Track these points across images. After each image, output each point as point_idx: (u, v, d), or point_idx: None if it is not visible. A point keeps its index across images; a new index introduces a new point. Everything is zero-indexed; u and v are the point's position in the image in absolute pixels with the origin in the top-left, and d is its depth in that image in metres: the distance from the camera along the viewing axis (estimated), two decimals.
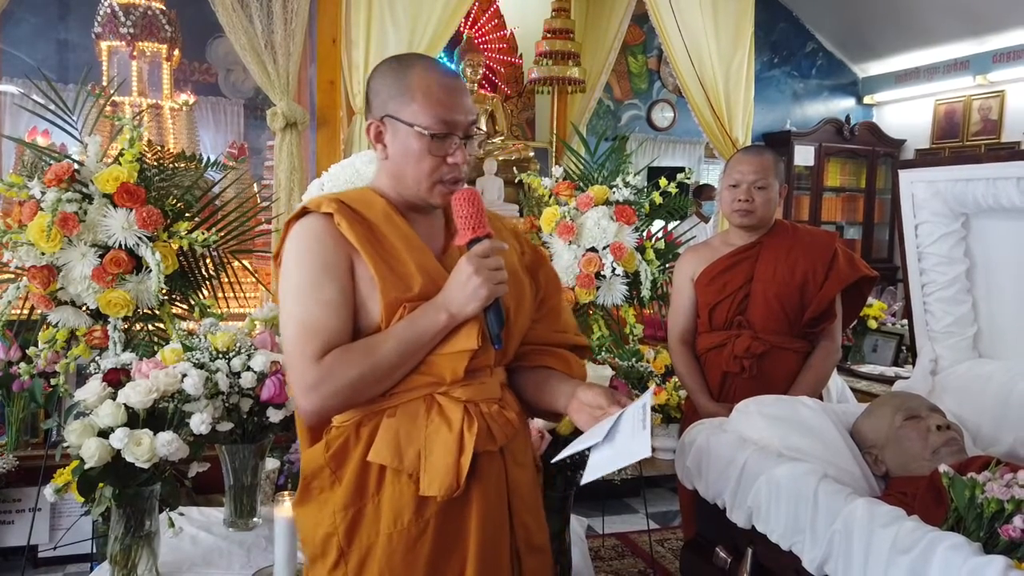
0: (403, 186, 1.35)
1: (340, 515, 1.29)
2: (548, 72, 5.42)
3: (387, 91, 1.33)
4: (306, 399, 1.25)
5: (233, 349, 2.08)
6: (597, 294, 2.89)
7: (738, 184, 2.31)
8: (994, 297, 2.04)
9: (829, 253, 2.28)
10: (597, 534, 3.47)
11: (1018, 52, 6.24)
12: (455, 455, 1.25)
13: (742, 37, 4.72)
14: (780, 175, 2.36)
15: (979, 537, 1.28)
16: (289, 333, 1.27)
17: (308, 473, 1.33)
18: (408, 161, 1.31)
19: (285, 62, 3.53)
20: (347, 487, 1.29)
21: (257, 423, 2.09)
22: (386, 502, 1.27)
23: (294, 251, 1.30)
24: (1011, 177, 1.75)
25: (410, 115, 1.29)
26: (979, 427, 1.92)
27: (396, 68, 1.35)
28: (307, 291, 1.27)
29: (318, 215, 1.31)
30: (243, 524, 2.14)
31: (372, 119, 1.36)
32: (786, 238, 2.34)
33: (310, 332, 1.25)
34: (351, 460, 1.30)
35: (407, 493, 1.27)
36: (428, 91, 1.29)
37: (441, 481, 1.24)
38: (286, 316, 1.29)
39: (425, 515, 1.27)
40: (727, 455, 1.74)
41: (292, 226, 1.33)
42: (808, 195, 7.39)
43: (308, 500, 1.34)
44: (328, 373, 1.23)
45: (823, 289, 2.26)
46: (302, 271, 1.28)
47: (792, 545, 1.50)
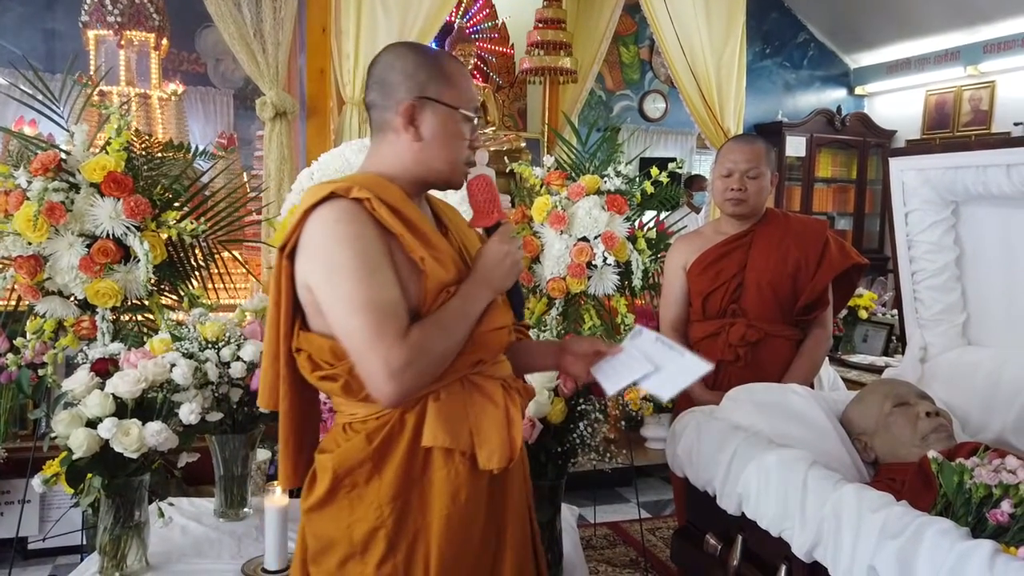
0: (429, 169, 1.34)
1: (388, 507, 1.27)
2: (540, 62, 5.39)
3: (424, 73, 1.32)
4: (395, 382, 1.20)
5: (223, 339, 2.07)
6: (588, 284, 2.88)
7: (730, 173, 2.32)
8: (983, 285, 2.04)
9: (821, 241, 2.29)
10: (589, 523, 3.48)
11: (1009, 43, 6.25)
12: (506, 428, 1.32)
13: (734, 27, 4.71)
14: (771, 164, 2.36)
15: (967, 522, 1.28)
16: (359, 320, 1.20)
17: (342, 471, 1.29)
18: (445, 143, 1.33)
19: (274, 51, 3.51)
20: (395, 477, 1.28)
21: (247, 413, 2.09)
22: (438, 484, 1.29)
23: (339, 235, 1.23)
24: (1001, 164, 1.76)
25: (452, 98, 1.32)
26: (968, 414, 1.93)
27: (426, 52, 1.37)
28: (370, 273, 1.22)
29: (350, 200, 1.25)
30: (233, 514, 2.14)
31: (405, 99, 1.31)
32: (778, 227, 2.34)
33: (387, 313, 1.21)
34: (398, 449, 1.28)
35: (462, 471, 1.30)
36: (463, 77, 1.36)
37: (500, 454, 1.30)
38: (347, 302, 1.21)
39: (480, 490, 1.32)
40: (717, 442, 1.75)
41: (316, 212, 1.25)
42: (799, 186, 7.40)
43: (336, 499, 1.30)
44: (419, 351, 1.21)
45: (816, 277, 2.27)
46: (356, 254, 1.22)
47: (782, 531, 1.51)
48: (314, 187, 1.31)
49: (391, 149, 1.34)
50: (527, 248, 2.99)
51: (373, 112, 1.36)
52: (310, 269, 1.25)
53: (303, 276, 1.27)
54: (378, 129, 1.36)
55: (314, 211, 1.25)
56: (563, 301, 2.96)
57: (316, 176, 2.57)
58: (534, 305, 3.02)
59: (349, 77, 3.75)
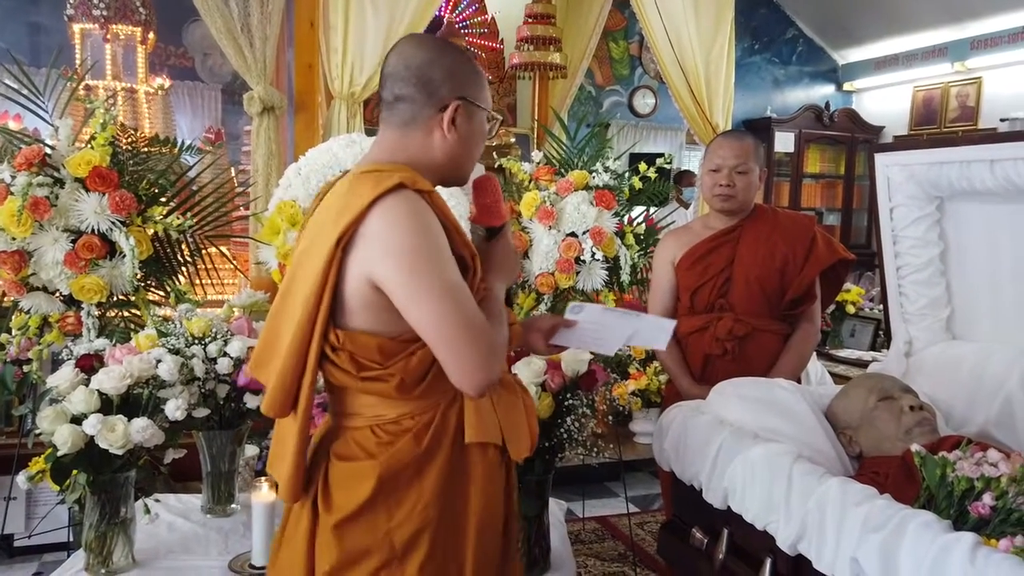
0: (456, 165, 1.36)
1: (434, 507, 1.27)
2: (529, 57, 5.38)
3: (463, 74, 1.33)
4: (489, 371, 1.21)
5: (209, 335, 2.06)
6: (577, 279, 2.89)
7: (719, 169, 2.32)
8: (967, 279, 2.06)
9: (808, 236, 2.30)
10: (577, 518, 3.49)
11: (995, 39, 6.29)
12: (526, 419, 1.38)
13: (722, 23, 4.71)
14: (760, 159, 2.37)
15: (949, 515, 1.30)
16: (451, 311, 1.19)
17: (389, 475, 1.26)
18: (476, 143, 1.37)
19: (262, 46, 3.49)
20: (439, 476, 1.28)
21: (234, 409, 2.08)
22: (476, 478, 1.31)
23: (417, 226, 1.20)
24: (984, 160, 1.77)
25: (484, 100, 1.36)
26: (952, 408, 1.95)
27: (462, 52, 1.37)
28: (451, 265, 1.22)
29: (415, 191, 1.24)
30: (221, 510, 2.14)
31: (448, 98, 1.31)
32: (766, 222, 2.35)
33: (474, 305, 1.22)
34: (443, 447, 1.28)
35: (495, 463, 1.34)
36: (486, 78, 1.38)
37: (527, 443, 1.37)
38: (438, 293, 1.19)
39: (503, 480, 1.37)
40: (703, 437, 1.76)
41: (383, 202, 1.21)
42: (788, 181, 7.43)
43: (375, 506, 1.27)
44: (499, 338, 1.26)
45: (803, 272, 2.28)
46: (437, 246, 1.21)
47: (767, 525, 1.52)
48: (369, 175, 1.26)
49: (420, 143, 1.33)
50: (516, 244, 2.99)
51: (403, 105, 1.32)
52: (381, 263, 1.20)
53: (366, 268, 1.21)
54: (406, 123, 1.32)
55: (380, 201, 1.20)
56: (551, 296, 2.97)
57: (303, 171, 2.55)
58: (523, 300, 3.02)
59: (337, 72, 3.74)
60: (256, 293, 2.34)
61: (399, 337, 1.25)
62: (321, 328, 1.24)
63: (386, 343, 1.25)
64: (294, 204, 2.51)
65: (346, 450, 1.31)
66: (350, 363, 1.26)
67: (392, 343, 1.25)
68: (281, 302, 1.33)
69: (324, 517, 1.29)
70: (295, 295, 1.28)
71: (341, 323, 1.26)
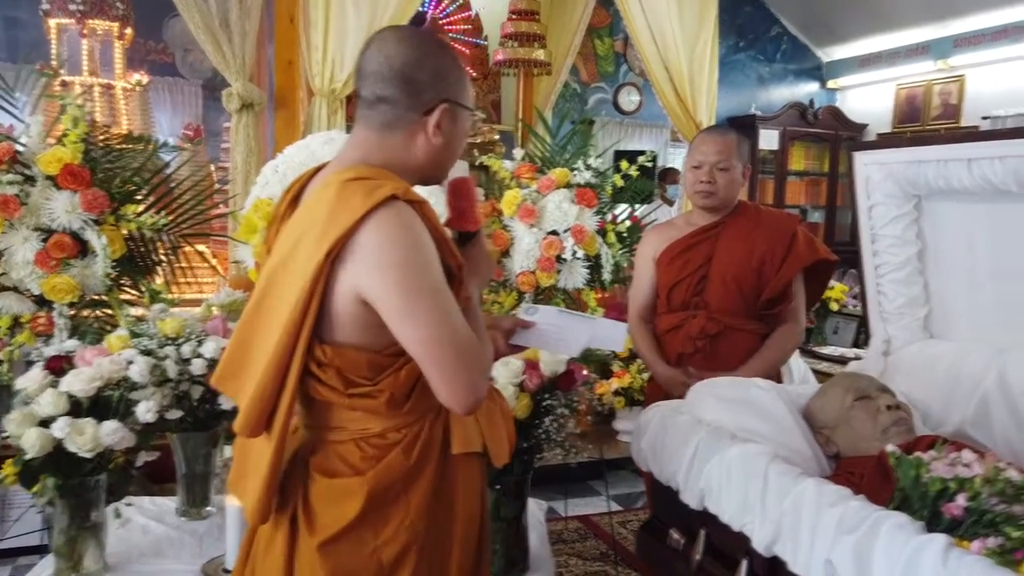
0: (437, 167, 1.32)
1: (422, 521, 1.24)
2: (513, 54, 5.36)
3: (449, 74, 1.28)
4: (480, 389, 1.19)
5: (183, 335, 2.03)
6: (558, 277, 2.89)
7: (700, 165, 2.29)
8: (945, 278, 2.06)
9: (789, 235, 2.27)
10: (560, 517, 3.48)
11: (978, 37, 6.32)
12: (504, 424, 1.38)
13: (706, 20, 4.71)
14: (744, 156, 2.34)
15: (923, 516, 1.29)
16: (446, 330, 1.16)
17: (379, 491, 1.22)
18: (458, 145, 1.33)
19: (241, 41, 3.45)
20: (427, 489, 1.25)
21: (209, 410, 2.06)
22: (461, 488, 1.30)
23: (411, 242, 1.16)
24: (961, 159, 1.77)
25: (468, 99, 1.32)
26: (929, 407, 1.95)
27: (446, 49, 1.32)
28: (443, 281, 1.19)
29: (407, 202, 1.19)
30: (196, 513, 2.11)
31: (434, 101, 1.26)
32: (748, 220, 2.33)
33: (463, 322, 1.19)
34: (431, 460, 1.26)
35: (476, 471, 1.34)
36: (465, 72, 1.34)
37: (506, 449, 1.37)
38: (432, 312, 1.15)
39: (483, 485, 1.38)
40: (681, 437, 1.75)
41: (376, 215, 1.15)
42: (772, 179, 7.45)
43: (363, 524, 1.23)
44: (488, 354, 1.26)
45: (780, 271, 2.25)
46: (430, 262, 1.18)
47: (743, 526, 1.51)
48: (358, 183, 1.20)
49: (402, 145, 1.27)
50: (497, 242, 2.98)
51: (385, 106, 1.26)
52: (373, 278, 1.15)
53: (355, 283, 1.16)
54: (387, 125, 1.27)
55: (372, 214, 1.14)
56: (533, 295, 2.96)
57: (281, 169, 2.52)
58: (504, 299, 3.01)
59: (318, 68, 3.70)
60: (235, 292, 2.32)
61: (387, 351, 1.22)
62: (305, 344, 1.18)
63: (375, 358, 1.21)
64: (271, 202, 2.47)
65: (330, 466, 1.26)
66: (337, 379, 1.22)
67: (381, 357, 1.21)
68: (255, 313, 1.26)
69: (307, 538, 1.24)
70: (273, 307, 1.21)
71: (328, 338, 1.21)
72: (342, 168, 1.27)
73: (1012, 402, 1.77)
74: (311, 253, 1.16)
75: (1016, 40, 6.01)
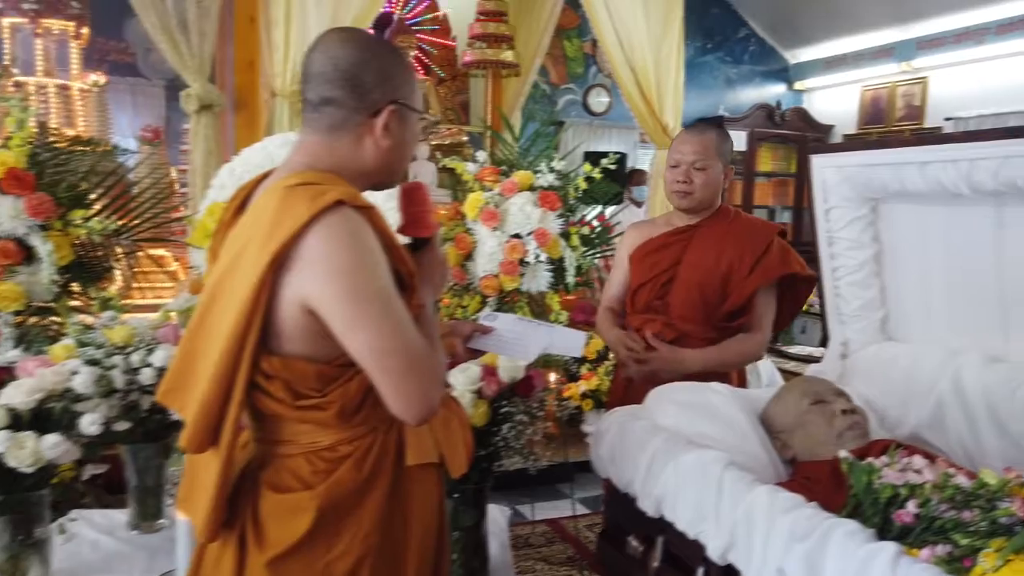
0: (387, 170, 1.30)
1: (375, 534, 1.22)
2: (482, 55, 5.33)
3: (396, 75, 1.26)
4: (433, 400, 1.17)
5: (132, 344, 1.98)
6: (521, 281, 2.86)
7: (678, 164, 2.21)
8: (901, 280, 2.07)
9: (762, 245, 2.17)
10: (527, 521, 3.46)
11: (940, 39, 6.41)
12: (461, 433, 1.36)
13: (672, 21, 4.71)
14: (724, 155, 2.23)
15: (875, 523, 1.29)
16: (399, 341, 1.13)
17: (329, 505, 1.19)
18: (408, 147, 1.31)
19: (199, 42, 3.38)
20: (380, 501, 1.23)
21: (160, 421, 2.01)
22: (416, 500, 1.28)
23: (360, 250, 1.13)
24: (915, 162, 1.77)
25: (415, 101, 1.30)
26: (886, 409, 1.96)
27: (394, 50, 1.29)
28: (393, 290, 1.16)
29: (356, 208, 1.16)
30: (148, 527, 2.07)
31: (381, 103, 1.23)
32: (722, 224, 2.24)
33: (414, 331, 1.17)
34: (384, 473, 1.24)
35: (432, 482, 1.32)
36: (416, 76, 1.33)
37: (464, 458, 1.35)
38: (383, 322, 1.13)
39: (441, 496, 1.36)
40: (638, 443, 1.74)
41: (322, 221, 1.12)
42: (741, 180, 7.50)
43: (314, 539, 1.19)
44: (440, 363, 1.23)
45: (745, 282, 2.16)
46: (379, 271, 1.15)
47: (698, 534, 1.50)
48: (303, 188, 1.16)
49: (349, 149, 1.25)
50: (460, 245, 2.95)
51: (331, 108, 1.23)
52: (320, 287, 1.12)
53: (301, 292, 1.13)
54: (334, 127, 1.24)
55: (317, 220, 1.11)
56: (497, 299, 2.94)
57: (237, 172, 2.47)
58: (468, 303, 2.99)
59: (279, 69, 3.64)
60: (194, 297, 2.26)
61: (336, 361, 1.18)
62: (250, 355, 1.15)
63: (324, 369, 1.18)
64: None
65: (280, 480, 1.22)
66: (285, 392, 1.18)
67: (330, 368, 1.18)
68: (200, 324, 1.22)
69: (255, 555, 1.21)
70: (217, 318, 1.18)
71: (274, 349, 1.17)
72: (288, 174, 1.23)
73: (966, 405, 1.78)
74: (255, 261, 1.13)
75: (977, 42, 6.11)
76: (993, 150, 1.58)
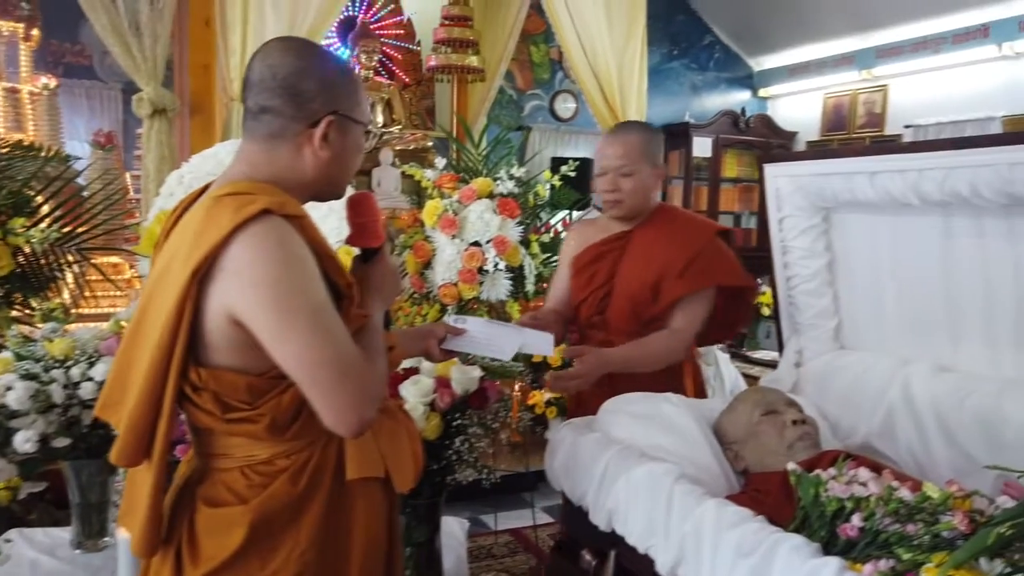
0: (329, 182, 1.28)
1: (312, 550, 1.19)
2: (447, 60, 5.29)
3: (340, 86, 1.25)
4: (367, 412, 1.14)
5: (73, 357, 1.92)
6: (480, 289, 2.84)
7: (604, 172, 2.07)
8: (853, 290, 2.08)
9: (694, 249, 2.03)
10: (490, 531, 3.43)
11: (899, 48, 6.51)
12: (410, 446, 1.32)
13: (635, 28, 4.73)
14: (652, 156, 2.08)
15: (821, 537, 1.28)
16: (328, 351, 1.11)
17: (262, 521, 1.17)
18: (352, 158, 1.29)
19: (152, 44, 3.31)
20: (318, 516, 1.20)
21: (103, 436, 1.95)
22: (358, 515, 1.25)
23: (286, 259, 1.11)
24: (865, 172, 1.78)
25: (360, 114, 1.28)
26: (839, 419, 1.96)
27: (336, 60, 1.30)
28: (323, 300, 1.14)
29: (283, 217, 1.14)
30: (92, 545, 2.01)
31: (321, 113, 1.22)
32: (656, 229, 2.10)
33: (347, 341, 1.15)
34: (322, 487, 1.21)
35: (378, 496, 1.29)
36: (363, 89, 1.32)
37: (412, 473, 1.32)
38: (311, 333, 1.10)
39: (386, 510, 1.32)
40: (591, 455, 1.72)
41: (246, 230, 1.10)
42: (706, 186, 7.55)
43: (247, 556, 1.17)
44: (376, 374, 1.20)
45: (673, 289, 2.01)
46: (307, 281, 1.13)
47: (648, 548, 1.48)
48: (230, 198, 1.15)
49: (288, 159, 1.23)
50: (419, 253, 2.92)
51: (268, 117, 1.21)
52: (245, 297, 1.10)
53: (228, 304, 1.11)
54: (272, 136, 1.22)
55: (242, 230, 1.10)
56: (456, 307, 2.91)
57: (187, 179, 2.43)
58: (426, 311, 2.95)
59: (236, 73, 3.58)
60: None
61: (268, 374, 1.16)
62: (178, 367, 1.13)
63: (255, 381, 1.15)
64: None
65: (215, 495, 1.21)
66: (214, 404, 1.16)
67: (261, 381, 1.16)
68: (132, 337, 1.20)
69: (190, 570, 1.19)
70: (147, 331, 1.16)
71: (203, 360, 1.15)
72: (225, 183, 1.22)
73: (916, 414, 1.79)
74: (179, 272, 1.12)
75: (935, 51, 6.21)
76: (939, 161, 1.60)
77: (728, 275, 2.05)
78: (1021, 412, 1.60)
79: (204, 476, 1.23)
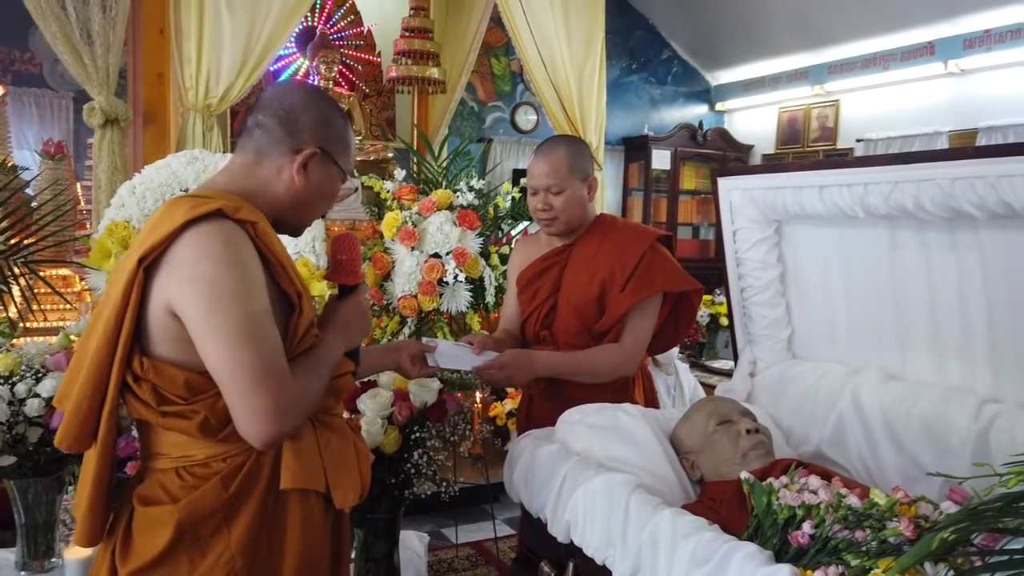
0: (296, 213, 1.34)
1: (241, 558, 1.19)
2: (407, 72, 5.28)
3: (333, 131, 1.34)
4: (280, 422, 1.15)
5: (19, 372, 1.87)
6: (440, 301, 2.83)
7: (535, 191, 2.05)
8: (805, 300, 2.12)
9: (636, 257, 1.99)
10: (450, 544, 3.41)
11: (850, 64, 6.69)
12: (356, 464, 1.33)
13: (593, 42, 4.78)
14: (580, 169, 2.04)
15: (773, 545, 1.30)
16: (247, 355, 1.13)
17: (189, 523, 1.18)
18: (323, 198, 1.36)
19: (104, 53, 3.24)
20: (248, 524, 1.21)
21: (50, 454, 1.89)
22: (292, 527, 1.25)
23: (227, 259, 1.14)
24: (814, 186, 1.83)
25: (343, 161, 1.36)
26: (792, 427, 2.00)
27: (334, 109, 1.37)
28: (256, 304, 1.16)
29: (235, 221, 1.18)
30: (38, 566, 1.96)
31: (308, 144, 1.30)
32: (596, 241, 2.08)
33: (274, 350, 1.17)
34: (255, 494, 1.22)
35: (316, 511, 1.28)
36: (353, 146, 1.41)
37: (354, 491, 1.31)
38: (234, 334, 1.12)
39: (327, 526, 1.32)
40: (550, 467, 1.72)
41: (196, 227, 1.15)
42: (665, 198, 7.65)
43: (174, 556, 1.18)
44: (301, 393, 1.20)
45: (619, 300, 1.99)
46: (244, 283, 1.15)
47: (605, 559, 1.49)
48: (188, 198, 1.22)
49: (268, 176, 1.30)
50: (378, 265, 2.90)
51: (260, 132, 1.30)
52: (181, 290, 1.14)
53: (167, 296, 1.15)
54: (259, 151, 1.31)
55: (193, 226, 1.15)
56: (415, 320, 2.89)
57: (138, 190, 2.38)
58: (386, 323, 2.93)
59: (191, 82, 3.52)
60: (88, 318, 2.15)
61: (206, 372, 1.17)
62: (122, 354, 1.17)
63: (194, 378, 1.18)
64: (127, 225, 2.33)
65: (150, 493, 1.22)
66: (151, 395, 1.18)
67: (201, 379, 1.18)
68: (89, 332, 1.24)
69: (120, 567, 1.21)
70: (100, 319, 1.20)
71: (147, 350, 1.19)
72: (195, 189, 1.31)
73: (865, 422, 1.83)
74: (129, 261, 1.17)
75: (884, 67, 6.40)
76: (884, 175, 1.64)
77: (670, 281, 2.02)
78: (966, 419, 1.65)
79: (143, 476, 1.26)
